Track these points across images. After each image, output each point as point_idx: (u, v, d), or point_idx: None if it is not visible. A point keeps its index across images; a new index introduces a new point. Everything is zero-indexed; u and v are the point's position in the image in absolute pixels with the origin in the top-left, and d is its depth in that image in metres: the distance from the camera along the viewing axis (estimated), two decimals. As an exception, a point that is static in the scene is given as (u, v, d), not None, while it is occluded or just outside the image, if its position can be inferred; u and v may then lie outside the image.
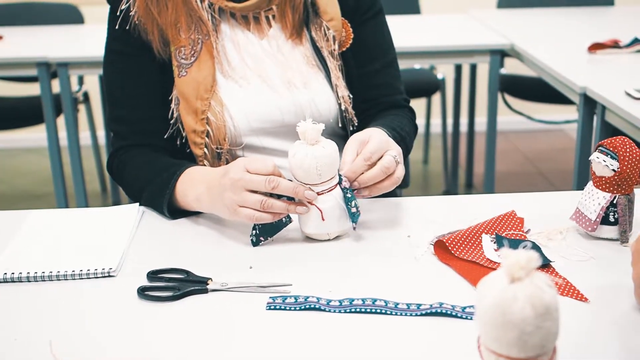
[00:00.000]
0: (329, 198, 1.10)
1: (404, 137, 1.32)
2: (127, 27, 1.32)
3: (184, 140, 1.34)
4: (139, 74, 1.34)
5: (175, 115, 1.34)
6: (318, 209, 1.09)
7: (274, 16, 1.37)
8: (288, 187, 1.08)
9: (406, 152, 1.34)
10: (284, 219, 1.12)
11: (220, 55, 1.34)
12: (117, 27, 1.33)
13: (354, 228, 1.12)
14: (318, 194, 1.09)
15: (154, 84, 1.34)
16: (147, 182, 1.26)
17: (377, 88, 1.43)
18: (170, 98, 1.34)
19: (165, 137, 1.35)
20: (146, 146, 1.34)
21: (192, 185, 1.20)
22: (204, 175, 1.19)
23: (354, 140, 1.13)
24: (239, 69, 1.35)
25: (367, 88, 1.42)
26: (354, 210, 1.10)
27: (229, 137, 1.32)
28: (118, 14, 1.32)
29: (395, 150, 1.13)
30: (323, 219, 1.10)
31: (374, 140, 1.12)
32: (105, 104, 1.41)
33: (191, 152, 1.34)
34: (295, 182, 1.09)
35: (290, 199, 1.10)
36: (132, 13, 1.31)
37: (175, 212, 1.23)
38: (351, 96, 1.39)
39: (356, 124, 1.39)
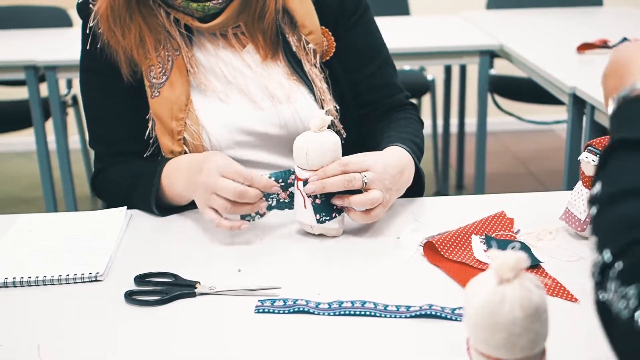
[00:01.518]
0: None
1: (418, 143, 1.32)
2: (98, 46, 1.28)
3: None
4: (114, 93, 1.31)
5: (152, 135, 1.30)
6: (302, 196, 1.11)
7: (242, 33, 1.32)
8: (254, 197, 1.10)
9: (421, 154, 1.33)
10: (273, 203, 1.16)
11: (195, 69, 1.30)
12: (88, 46, 1.29)
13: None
14: (304, 179, 1.10)
15: (130, 104, 1.31)
16: (133, 187, 1.26)
17: (378, 90, 1.40)
18: (147, 117, 1.31)
19: (145, 156, 1.32)
20: (127, 165, 1.32)
21: (176, 179, 1.21)
22: (184, 168, 1.21)
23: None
24: (217, 82, 1.31)
25: (367, 91, 1.39)
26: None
27: None
28: (87, 32, 1.29)
29: (375, 174, 1.11)
30: (305, 207, 1.12)
31: (359, 155, 1.14)
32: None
33: None
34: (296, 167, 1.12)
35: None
36: (100, 31, 1.27)
37: (164, 208, 1.23)
38: (338, 107, 1.34)
39: (345, 136, 1.35)
